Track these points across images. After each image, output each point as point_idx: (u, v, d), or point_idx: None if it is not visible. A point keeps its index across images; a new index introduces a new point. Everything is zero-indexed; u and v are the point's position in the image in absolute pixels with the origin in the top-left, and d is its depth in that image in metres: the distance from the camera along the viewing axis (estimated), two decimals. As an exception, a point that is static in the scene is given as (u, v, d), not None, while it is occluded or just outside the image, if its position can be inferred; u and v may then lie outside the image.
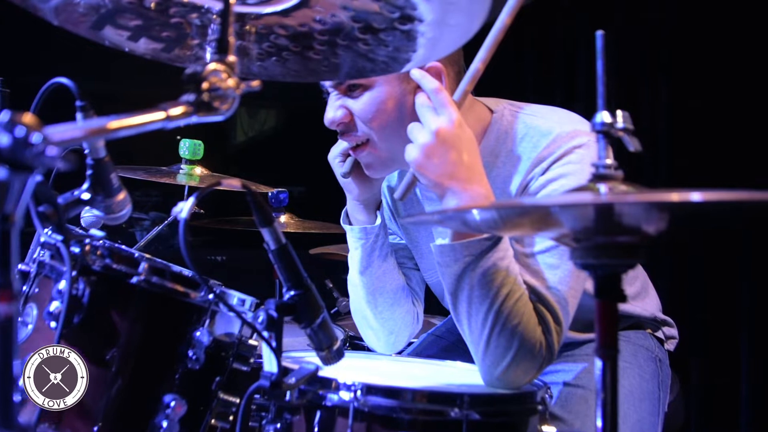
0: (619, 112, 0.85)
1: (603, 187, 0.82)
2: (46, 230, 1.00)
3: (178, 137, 2.42)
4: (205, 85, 0.72)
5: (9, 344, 0.53)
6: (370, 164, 1.39)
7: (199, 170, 2.34)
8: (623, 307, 1.58)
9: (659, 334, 1.65)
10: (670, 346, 1.69)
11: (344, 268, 1.62)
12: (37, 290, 1.08)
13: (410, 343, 1.80)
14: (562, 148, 1.29)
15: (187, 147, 2.33)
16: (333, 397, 1.03)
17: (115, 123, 0.63)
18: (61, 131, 0.58)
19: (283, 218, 2.61)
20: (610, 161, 0.84)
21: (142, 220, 4.16)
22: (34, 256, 1.13)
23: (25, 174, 0.54)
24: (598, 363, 0.88)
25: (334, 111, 1.35)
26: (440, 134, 1.19)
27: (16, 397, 0.88)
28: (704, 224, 0.86)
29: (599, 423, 0.89)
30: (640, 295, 1.64)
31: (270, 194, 2.60)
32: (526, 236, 1.27)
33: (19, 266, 1.14)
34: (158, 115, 0.68)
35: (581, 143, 1.28)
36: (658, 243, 0.90)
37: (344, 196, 1.55)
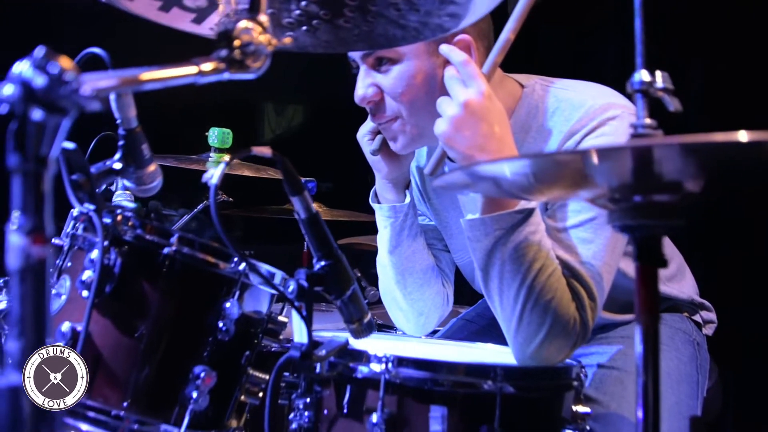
0: (658, 72, 0.82)
1: (642, 147, 0.79)
2: (82, 203, 1.01)
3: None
4: (237, 42, 0.72)
5: (42, 287, 0.52)
6: (399, 140, 1.37)
7: (227, 157, 2.34)
8: (660, 288, 1.53)
9: (697, 317, 1.61)
10: (708, 330, 1.64)
11: (372, 259, 1.61)
12: (70, 263, 1.09)
13: (435, 331, 1.78)
14: (595, 120, 1.26)
15: (215, 135, 2.35)
16: (363, 369, 1.02)
17: (147, 74, 0.63)
18: (94, 78, 0.58)
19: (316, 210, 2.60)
20: (649, 121, 0.81)
21: (171, 216, 4.21)
22: (67, 230, 1.14)
23: (59, 115, 0.53)
24: (638, 333, 0.84)
25: (364, 88, 1.34)
26: (469, 106, 1.17)
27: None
28: (749, 180, 0.82)
29: (638, 396, 0.85)
30: (676, 276, 1.60)
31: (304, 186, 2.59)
32: (560, 207, 1.24)
33: (53, 240, 1.15)
34: (190, 69, 0.67)
35: (615, 115, 1.25)
36: (699, 207, 0.86)
37: (370, 187, 1.54)
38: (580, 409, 1.13)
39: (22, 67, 0.52)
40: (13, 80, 0.52)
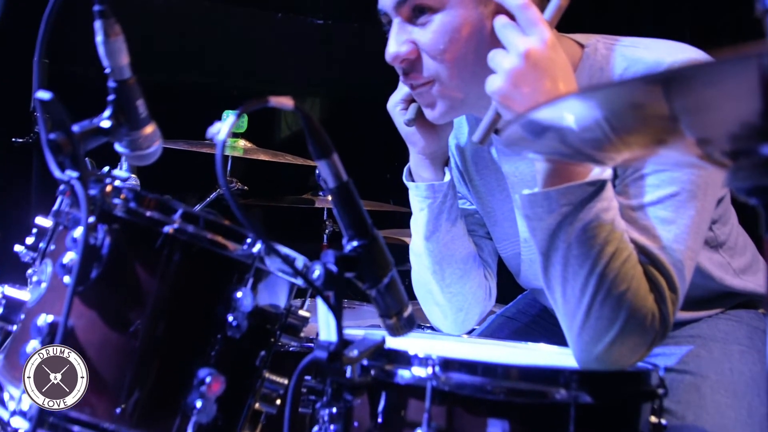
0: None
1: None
2: (63, 170, 0.83)
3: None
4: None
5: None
6: (437, 106, 1.17)
7: (242, 142, 2.18)
8: (733, 282, 1.34)
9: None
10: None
11: (395, 252, 1.42)
12: (53, 247, 0.92)
13: (473, 330, 1.59)
14: None
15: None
16: (405, 374, 0.83)
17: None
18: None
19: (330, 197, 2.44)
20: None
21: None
22: (55, 207, 0.97)
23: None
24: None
25: (398, 44, 1.13)
26: (531, 56, 0.97)
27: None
28: None
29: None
30: (752, 268, 1.39)
31: (317, 171, 2.42)
32: (633, 181, 1.04)
33: (38, 220, 0.98)
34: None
35: None
36: None
37: (394, 182, 1.35)
38: (658, 420, 0.94)
39: None
40: None
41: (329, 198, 2.54)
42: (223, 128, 0.72)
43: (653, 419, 0.94)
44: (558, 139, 0.74)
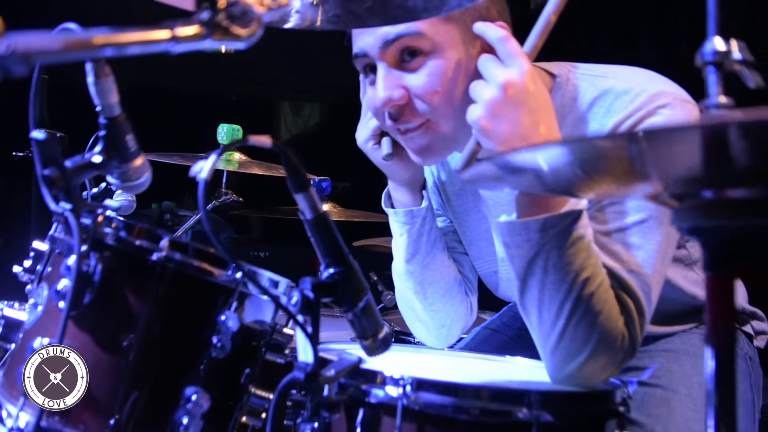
0: (733, 41, 0.68)
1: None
2: (57, 202, 0.88)
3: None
4: (222, 3, 0.59)
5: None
6: (427, 148, 1.18)
7: (237, 156, 2.24)
8: (703, 295, 1.39)
9: (747, 328, 1.45)
10: (761, 342, 1.49)
11: (390, 261, 1.47)
12: (50, 269, 0.97)
13: (460, 339, 1.64)
14: (642, 110, 1.10)
15: (225, 132, 2.23)
16: (378, 393, 0.88)
17: (102, 38, 0.50)
18: (31, 39, 0.45)
19: (325, 207, 2.49)
20: (723, 99, 0.67)
21: (187, 217, 4.12)
22: (50, 232, 1.02)
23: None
24: (709, 354, 0.70)
25: (389, 89, 1.12)
26: (509, 87, 1.01)
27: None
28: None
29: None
30: (726, 284, 1.44)
31: (312, 182, 2.48)
32: (604, 207, 1.09)
33: (35, 244, 1.03)
34: (161, 34, 0.54)
35: (665, 103, 1.10)
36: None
37: (384, 191, 1.39)
38: (624, 434, 0.99)
39: None
40: None
41: (324, 208, 2.59)
42: (205, 167, 0.77)
43: (620, 433, 0.99)
44: (534, 178, 0.80)
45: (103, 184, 1.57)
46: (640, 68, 1.21)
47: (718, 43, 0.67)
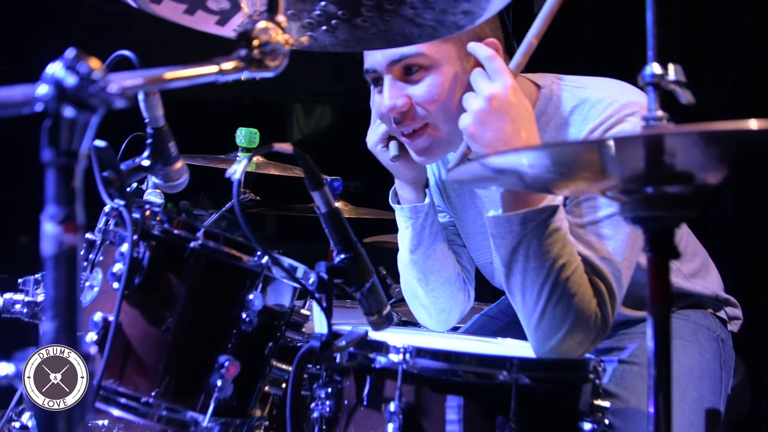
0: (671, 65, 0.83)
1: (654, 139, 0.80)
2: (112, 199, 1.05)
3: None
4: (255, 42, 0.75)
5: (74, 272, 0.56)
6: (427, 149, 1.35)
7: (255, 157, 2.40)
8: (682, 284, 1.54)
9: (721, 314, 1.60)
10: (734, 327, 1.63)
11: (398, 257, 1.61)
12: (102, 257, 1.14)
13: (457, 328, 1.79)
14: (613, 117, 1.26)
15: (243, 135, 2.40)
16: (382, 360, 1.04)
17: (171, 73, 0.66)
18: (121, 77, 0.61)
19: (337, 205, 2.65)
20: (660, 113, 0.82)
21: (202, 216, 4.29)
22: (100, 226, 1.19)
23: (88, 113, 0.57)
24: (649, 327, 0.85)
25: (393, 98, 1.29)
26: (494, 100, 1.17)
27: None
28: (763, 172, 0.82)
29: (650, 390, 0.86)
30: (701, 272, 1.59)
31: (324, 181, 2.63)
32: (579, 203, 1.24)
33: (87, 235, 1.20)
34: (211, 68, 0.71)
35: (633, 111, 1.26)
36: (714, 198, 0.87)
37: (391, 189, 1.56)
38: (599, 402, 1.14)
39: (54, 68, 0.56)
40: (47, 80, 0.56)
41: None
42: (239, 169, 0.93)
43: (594, 401, 1.14)
44: (517, 178, 0.96)
45: (135, 184, 1.75)
46: (615, 80, 1.37)
47: (655, 67, 0.83)
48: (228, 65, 0.72)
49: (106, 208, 1.16)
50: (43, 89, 0.56)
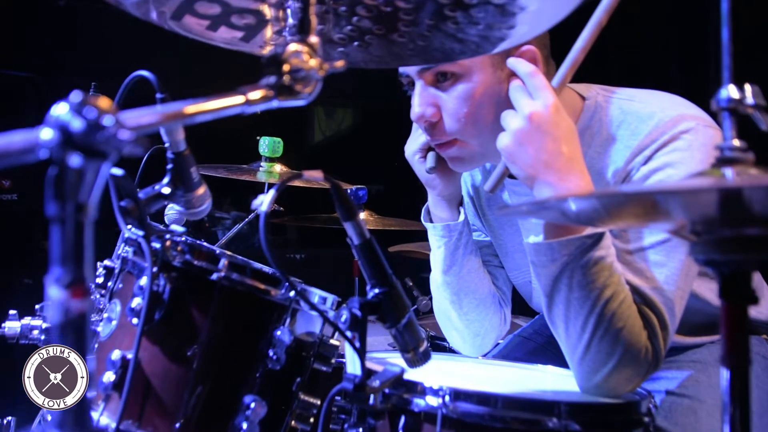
0: (747, 86, 0.74)
1: (729, 172, 0.71)
2: (129, 226, 0.99)
3: (258, 137, 2.42)
4: (286, 67, 0.68)
5: (82, 340, 0.49)
6: (459, 159, 1.29)
7: (278, 167, 2.34)
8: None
9: (769, 336, 1.49)
10: (782, 350, 1.52)
11: (424, 267, 1.54)
12: (121, 286, 1.08)
13: (496, 344, 1.71)
14: (666, 135, 1.16)
15: (266, 145, 2.34)
16: (420, 402, 0.97)
17: (192, 108, 0.59)
18: (135, 116, 0.54)
19: (362, 215, 2.58)
20: (737, 143, 0.73)
21: (223, 219, 4.25)
22: (118, 252, 1.13)
23: (98, 161, 0.50)
24: (725, 374, 0.76)
25: (423, 106, 1.24)
26: (534, 119, 1.09)
27: (92, 393, 0.87)
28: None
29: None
30: (754, 296, 1.48)
31: (349, 191, 2.57)
32: (630, 230, 1.15)
33: (105, 262, 1.14)
34: (237, 99, 0.63)
35: (688, 128, 1.16)
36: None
37: (422, 192, 1.47)
38: (651, 444, 1.05)
39: (60, 111, 0.49)
40: (51, 124, 0.49)
41: (360, 216, 2.67)
42: (266, 200, 0.86)
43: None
44: (560, 213, 0.87)
45: (157, 187, 1.69)
46: (666, 93, 1.27)
47: (732, 90, 0.73)
48: (256, 95, 0.65)
49: (125, 234, 1.09)
50: (47, 134, 0.49)
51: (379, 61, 0.99)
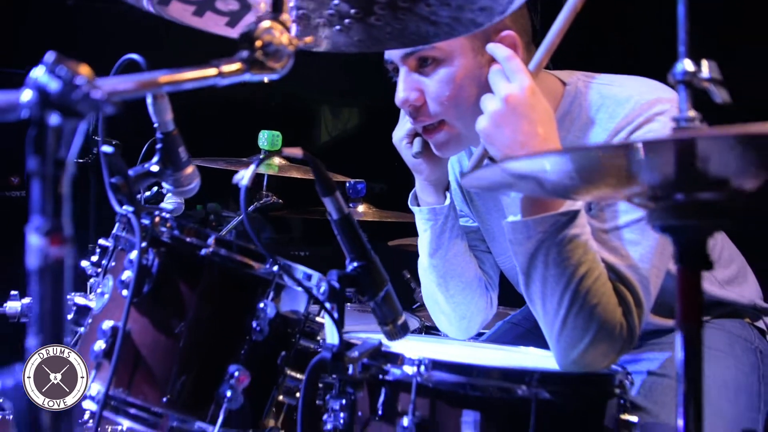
0: (704, 61, 0.78)
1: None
2: (121, 206, 1.03)
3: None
4: (258, 43, 0.72)
5: (60, 285, 0.53)
6: (444, 144, 1.34)
7: (277, 160, 2.38)
8: (716, 292, 1.46)
9: (760, 324, 1.52)
10: (775, 338, 1.55)
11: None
12: (113, 264, 1.12)
13: (481, 334, 1.74)
14: (642, 117, 1.20)
15: (265, 138, 2.38)
16: (396, 372, 1.01)
17: (165, 77, 0.63)
18: (112, 82, 0.59)
19: (360, 208, 2.62)
20: (692, 113, 0.76)
21: (230, 218, 4.31)
22: (114, 231, 1.18)
23: (74, 119, 0.54)
24: (679, 340, 0.79)
25: (407, 91, 1.29)
26: (511, 101, 1.13)
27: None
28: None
29: (678, 406, 0.80)
30: (737, 279, 1.51)
31: (348, 184, 2.61)
32: (605, 207, 1.19)
33: (101, 241, 1.19)
34: (210, 71, 0.68)
35: (663, 110, 1.19)
36: (753, 206, 0.81)
37: (411, 192, 1.52)
38: (626, 417, 1.08)
39: (37, 73, 0.54)
40: (30, 86, 0.54)
41: (359, 209, 2.69)
42: (246, 175, 0.90)
43: (621, 416, 1.08)
44: (536, 184, 0.91)
45: (155, 189, 1.74)
46: (646, 78, 1.31)
47: (687, 64, 0.77)
48: (229, 67, 0.69)
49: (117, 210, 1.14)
50: (27, 95, 0.54)
51: (360, 44, 1.04)
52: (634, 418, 1.08)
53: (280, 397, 1.16)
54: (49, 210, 0.54)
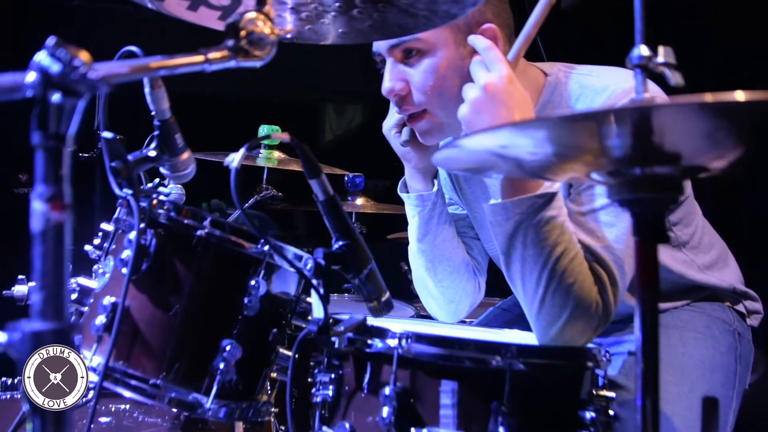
0: (660, 47, 0.83)
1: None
2: (121, 188, 1.10)
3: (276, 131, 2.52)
4: (242, 33, 0.78)
5: (60, 247, 0.60)
6: (427, 132, 1.40)
7: (277, 154, 2.45)
8: (696, 276, 1.51)
9: (740, 307, 1.57)
10: (754, 321, 1.60)
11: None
12: (114, 246, 1.19)
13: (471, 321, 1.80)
14: (618, 104, 1.26)
15: (265, 132, 2.45)
16: (378, 344, 1.06)
17: (156, 62, 0.70)
18: (107, 66, 0.65)
19: (359, 201, 2.68)
20: (648, 95, 0.82)
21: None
22: (115, 216, 1.24)
23: (74, 98, 0.61)
24: (637, 315, 0.85)
25: (392, 81, 1.36)
26: (489, 89, 1.19)
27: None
28: (753, 150, 0.81)
29: (637, 379, 0.86)
30: (717, 264, 1.56)
31: (346, 178, 2.68)
32: (582, 191, 1.24)
33: (103, 225, 1.25)
34: (198, 58, 0.74)
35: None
36: (703, 178, 0.86)
37: (401, 180, 1.58)
38: (603, 392, 1.13)
39: (41, 57, 0.60)
40: (34, 68, 0.60)
41: (357, 202, 2.75)
42: (236, 158, 0.96)
43: (597, 391, 1.14)
44: (515, 165, 0.97)
45: (157, 180, 1.80)
46: (622, 68, 1.36)
47: (643, 49, 0.83)
48: (215, 54, 0.75)
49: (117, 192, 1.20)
50: (31, 76, 0.60)
51: (345, 37, 1.10)
52: (611, 394, 1.14)
53: (273, 374, 1.22)
54: (51, 179, 0.61)
